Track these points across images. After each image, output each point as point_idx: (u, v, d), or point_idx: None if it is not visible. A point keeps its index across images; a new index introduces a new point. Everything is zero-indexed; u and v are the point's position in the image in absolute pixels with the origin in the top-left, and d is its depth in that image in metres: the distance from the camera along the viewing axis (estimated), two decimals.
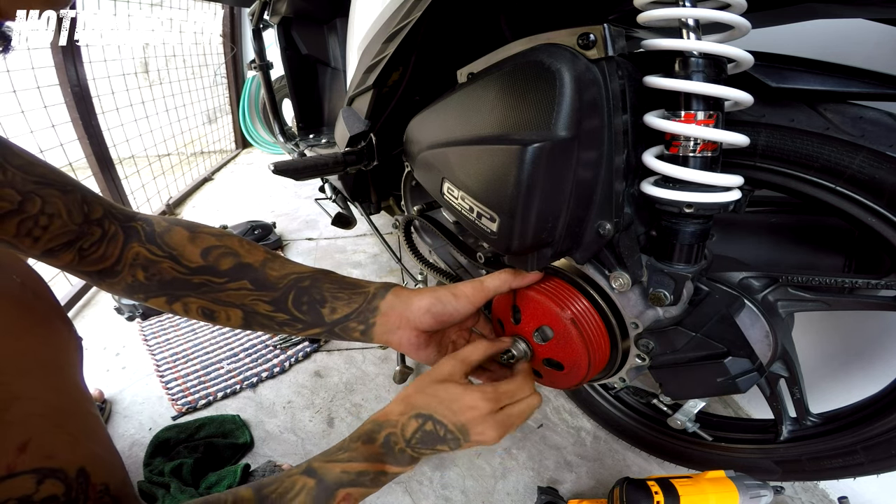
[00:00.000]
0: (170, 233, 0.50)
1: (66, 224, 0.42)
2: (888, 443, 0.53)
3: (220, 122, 3.02)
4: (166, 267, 0.49)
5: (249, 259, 0.52)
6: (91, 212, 0.45)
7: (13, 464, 0.28)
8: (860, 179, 0.42)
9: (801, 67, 0.43)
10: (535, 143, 0.41)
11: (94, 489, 0.32)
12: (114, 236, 0.47)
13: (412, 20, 0.55)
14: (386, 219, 1.32)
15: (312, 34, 1.50)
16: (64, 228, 0.42)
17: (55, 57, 1.52)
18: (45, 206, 0.41)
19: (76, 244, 0.44)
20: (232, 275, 0.50)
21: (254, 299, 0.51)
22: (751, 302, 0.52)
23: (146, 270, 0.48)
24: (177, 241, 0.50)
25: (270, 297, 0.51)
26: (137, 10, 2.04)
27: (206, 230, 0.53)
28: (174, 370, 1.10)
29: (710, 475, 0.58)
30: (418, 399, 0.47)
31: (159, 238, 0.49)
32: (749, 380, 0.46)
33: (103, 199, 0.48)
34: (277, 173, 0.78)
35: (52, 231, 0.42)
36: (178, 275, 0.49)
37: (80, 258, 0.45)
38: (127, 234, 0.48)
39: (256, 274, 0.51)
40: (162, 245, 0.49)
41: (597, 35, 0.40)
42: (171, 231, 0.50)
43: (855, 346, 0.77)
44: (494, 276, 0.54)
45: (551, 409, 1.01)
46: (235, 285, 0.51)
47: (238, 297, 0.51)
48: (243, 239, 0.54)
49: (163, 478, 0.79)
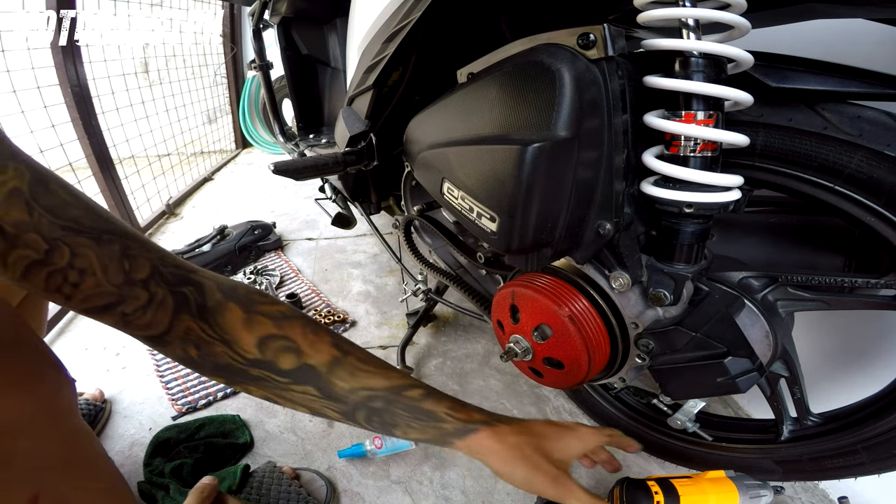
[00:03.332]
0: (223, 311, 0.43)
1: (100, 284, 0.35)
2: (889, 442, 0.53)
3: (220, 122, 3.01)
4: (220, 351, 0.43)
5: (314, 360, 0.45)
6: (134, 269, 0.38)
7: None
8: (858, 178, 0.42)
9: (801, 67, 0.43)
10: (535, 143, 0.41)
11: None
12: (162, 303, 0.40)
13: (412, 20, 0.55)
14: (386, 219, 1.32)
15: (312, 34, 1.50)
16: (99, 289, 0.36)
17: (55, 57, 1.52)
18: (74, 259, 0.34)
19: (117, 308, 0.37)
20: (295, 377, 0.45)
21: (322, 406, 0.47)
22: (751, 302, 0.52)
23: (199, 349, 0.43)
24: (230, 324, 0.43)
25: (339, 408, 0.47)
26: (137, 10, 2.04)
27: (265, 309, 0.45)
28: (174, 370, 1.10)
29: (710, 475, 0.58)
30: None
31: (211, 315, 0.43)
32: (749, 380, 0.46)
33: (153, 248, 0.41)
34: (277, 173, 0.78)
35: (85, 290, 0.35)
36: (234, 362, 0.44)
37: (124, 323, 0.39)
38: (177, 301, 0.41)
39: (321, 382, 0.46)
40: (214, 325, 0.43)
41: (597, 35, 0.40)
42: (223, 309, 0.43)
43: (855, 346, 0.77)
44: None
45: (551, 409, 1.01)
46: (300, 388, 0.45)
47: (304, 399, 0.46)
48: (307, 323, 0.47)
49: (163, 478, 0.79)
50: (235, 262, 1.56)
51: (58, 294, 0.35)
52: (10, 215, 0.31)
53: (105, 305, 0.37)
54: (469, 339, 1.22)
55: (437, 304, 1.19)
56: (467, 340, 1.22)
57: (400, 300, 1.20)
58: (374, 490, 0.83)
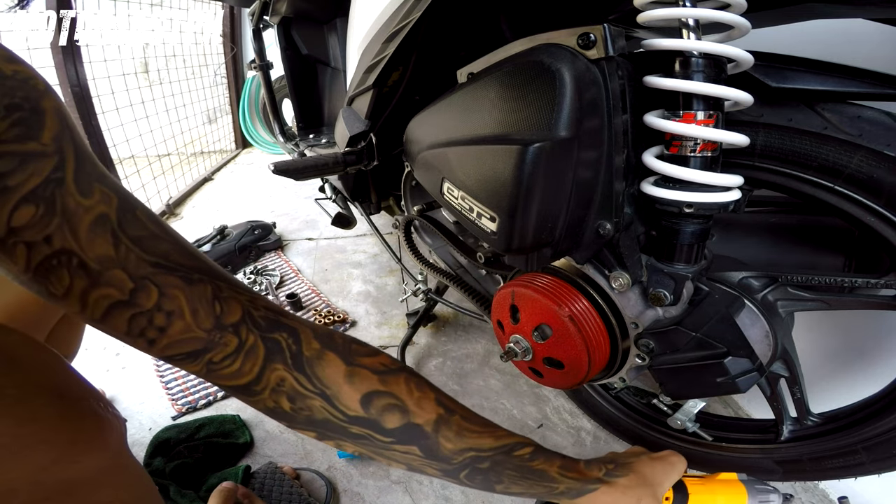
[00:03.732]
0: (322, 362, 0.39)
1: (189, 328, 0.32)
2: (889, 442, 0.53)
3: (220, 122, 3.01)
4: (317, 406, 0.39)
5: (420, 419, 0.42)
6: (225, 313, 0.34)
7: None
8: (858, 178, 0.42)
9: (801, 67, 0.43)
10: (535, 143, 0.41)
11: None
12: (252, 349, 0.36)
13: (412, 20, 0.55)
14: (386, 219, 1.32)
15: (312, 34, 1.50)
16: (187, 334, 0.32)
17: (55, 57, 1.52)
18: (162, 301, 0.31)
19: (204, 356, 0.34)
20: (399, 436, 0.41)
21: (422, 465, 0.43)
22: (751, 302, 0.52)
23: (293, 402, 0.39)
24: (331, 377, 0.39)
25: (442, 468, 0.44)
26: (137, 10, 2.04)
27: (367, 362, 0.41)
28: (174, 370, 1.10)
29: (722, 476, 0.58)
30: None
31: (308, 366, 0.38)
32: (749, 380, 0.46)
33: (242, 288, 0.37)
34: (277, 173, 0.78)
35: (172, 336, 0.32)
36: (333, 418, 0.40)
37: (209, 371, 0.35)
38: (269, 349, 0.37)
39: (428, 442, 0.42)
40: (312, 377, 0.39)
41: (597, 35, 0.40)
42: (323, 360, 0.39)
43: (855, 346, 0.77)
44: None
45: (551, 409, 1.01)
46: (403, 448, 0.42)
47: (406, 458, 0.43)
48: (411, 378, 0.43)
49: (163, 478, 0.79)
50: (235, 262, 1.57)
51: (141, 338, 0.31)
52: (94, 248, 0.28)
53: (191, 352, 0.33)
54: (469, 339, 1.22)
55: (437, 304, 1.19)
56: (467, 340, 1.22)
57: (400, 300, 1.20)
58: (375, 490, 0.83)
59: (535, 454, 0.47)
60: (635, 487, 0.52)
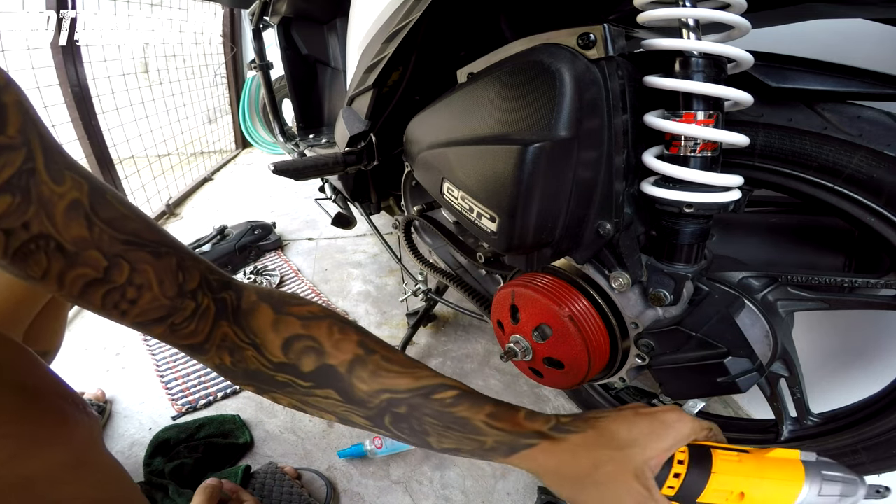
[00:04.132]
0: (255, 313, 0.42)
1: (156, 298, 0.35)
2: (889, 442, 0.53)
3: (220, 122, 3.01)
4: (250, 356, 0.41)
5: (335, 359, 0.42)
6: (187, 281, 0.37)
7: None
8: (858, 178, 0.42)
9: (801, 67, 0.43)
10: (535, 143, 0.41)
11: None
12: (206, 310, 0.39)
13: (412, 20, 0.55)
14: (386, 219, 1.32)
15: (312, 34, 1.50)
16: (155, 303, 0.35)
17: (55, 57, 1.52)
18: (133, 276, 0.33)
19: (168, 319, 0.37)
20: (316, 380, 0.42)
21: (346, 411, 0.43)
22: (751, 302, 0.52)
23: (232, 355, 0.41)
24: (260, 326, 0.42)
25: (364, 413, 0.43)
26: (137, 10, 2.04)
27: (295, 310, 0.43)
28: (174, 370, 1.10)
29: (777, 453, 0.42)
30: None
31: (244, 318, 0.41)
32: (749, 380, 0.46)
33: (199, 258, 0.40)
34: (277, 173, 0.78)
35: (142, 305, 0.35)
36: (262, 368, 0.42)
37: (171, 332, 0.38)
38: (218, 308, 0.40)
39: (343, 384, 0.42)
40: (246, 328, 0.41)
41: (597, 35, 0.40)
42: (256, 311, 0.42)
43: (855, 346, 0.77)
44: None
45: (551, 410, 1.01)
46: (322, 393, 0.42)
47: (328, 405, 0.43)
48: (335, 322, 0.44)
49: (162, 478, 0.79)
50: (235, 261, 1.57)
51: (114, 310, 0.34)
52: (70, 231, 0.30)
53: (157, 318, 0.36)
54: (469, 339, 1.22)
55: (437, 304, 1.19)
56: (467, 340, 1.22)
57: (400, 300, 1.20)
58: (375, 490, 0.83)
59: (459, 398, 0.42)
60: (592, 448, 0.40)
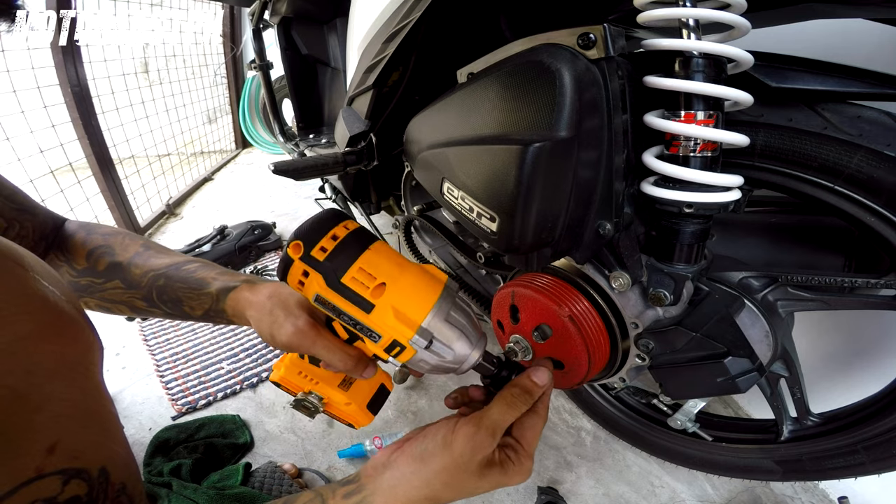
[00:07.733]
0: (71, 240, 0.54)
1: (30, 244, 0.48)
2: (889, 442, 0.53)
3: (220, 122, 3.01)
4: (64, 271, 0.52)
5: (120, 257, 0.53)
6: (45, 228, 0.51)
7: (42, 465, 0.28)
8: (858, 178, 0.42)
9: (801, 67, 0.43)
10: (535, 143, 0.41)
11: (112, 488, 0.32)
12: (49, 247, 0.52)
13: (412, 20, 0.55)
14: (386, 219, 1.32)
15: (312, 34, 1.50)
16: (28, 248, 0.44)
17: (55, 57, 1.52)
18: (21, 230, 0.47)
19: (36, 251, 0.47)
20: (107, 275, 0.52)
21: (129, 297, 0.52)
22: (751, 302, 0.52)
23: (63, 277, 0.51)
24: (71, 246, 0.53)
25: (140, 294, 0.52)
26: (137, 10, 2.04)
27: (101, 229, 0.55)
28: (174, 370, 1.10)
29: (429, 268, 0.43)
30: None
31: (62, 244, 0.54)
32: (749, 380, 0.46)
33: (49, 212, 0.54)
34: (277, 173, 0.78)
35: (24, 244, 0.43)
36: (71, 278, 0.52)
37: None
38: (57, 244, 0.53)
39: (124, 273, 0.52)
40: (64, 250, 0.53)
41: (597, 35, 0.40)
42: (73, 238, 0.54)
43: (855, 346, 0.77)
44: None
45: (551, 409, 1.01)
46: (111, 285, 0.52)
47: (117, 295, 0.52)
48: (128, 234, 0.56)
49: (162, 478, 0.79)
50: (235, 261, 1.56)
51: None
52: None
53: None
54: None
55: None
56: None
57: None
58: None
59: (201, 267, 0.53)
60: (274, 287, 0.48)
